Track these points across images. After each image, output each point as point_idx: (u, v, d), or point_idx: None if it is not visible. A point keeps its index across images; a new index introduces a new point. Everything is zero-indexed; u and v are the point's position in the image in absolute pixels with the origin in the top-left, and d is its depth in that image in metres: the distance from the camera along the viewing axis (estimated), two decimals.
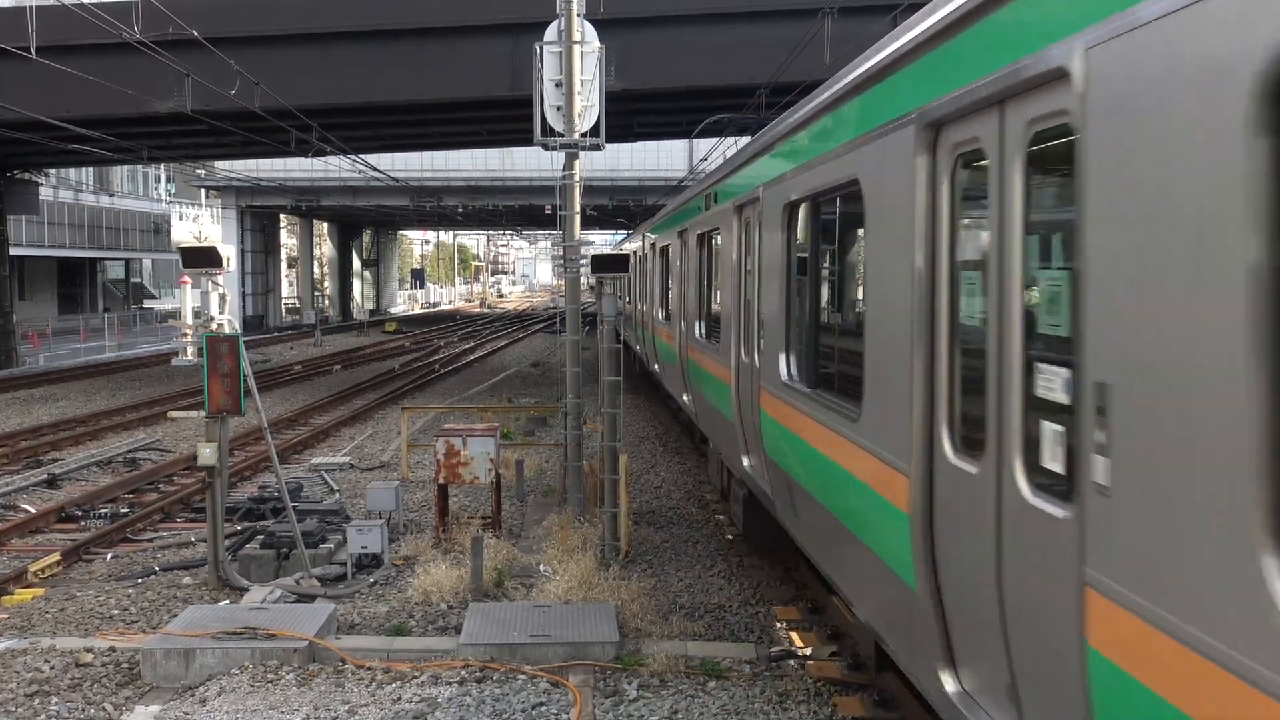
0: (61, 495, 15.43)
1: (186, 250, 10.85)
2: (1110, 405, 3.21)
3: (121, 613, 10.02)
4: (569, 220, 13.57)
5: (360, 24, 26.07)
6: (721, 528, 13.12)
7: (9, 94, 23.73)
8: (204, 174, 52.97)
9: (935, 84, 4.62)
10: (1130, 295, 3.11)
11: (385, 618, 9.59)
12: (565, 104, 13.16)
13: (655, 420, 22.49)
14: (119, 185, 70.61)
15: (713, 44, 24.89)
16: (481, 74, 25.73)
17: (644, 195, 52.51)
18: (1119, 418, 3.16)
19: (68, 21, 21.06)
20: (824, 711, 7.44)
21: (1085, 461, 3.35)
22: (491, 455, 12.18)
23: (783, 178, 7.86)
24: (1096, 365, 3.29)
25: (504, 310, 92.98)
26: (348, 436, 21.12)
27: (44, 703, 7.83)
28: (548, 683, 7.87)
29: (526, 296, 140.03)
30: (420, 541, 12.16)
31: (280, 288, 65.54)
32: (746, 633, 9.28)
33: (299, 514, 11.79)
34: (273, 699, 7.59)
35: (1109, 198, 3.22)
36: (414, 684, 7.85)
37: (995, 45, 4.05)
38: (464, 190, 56.09)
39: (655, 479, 16.25)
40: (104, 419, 23.17)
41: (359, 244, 79.87)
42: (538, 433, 20.18)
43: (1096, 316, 3.30)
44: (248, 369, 10.55)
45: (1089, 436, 3.33)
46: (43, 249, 58.49)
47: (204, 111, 24.73)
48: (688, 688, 7.85)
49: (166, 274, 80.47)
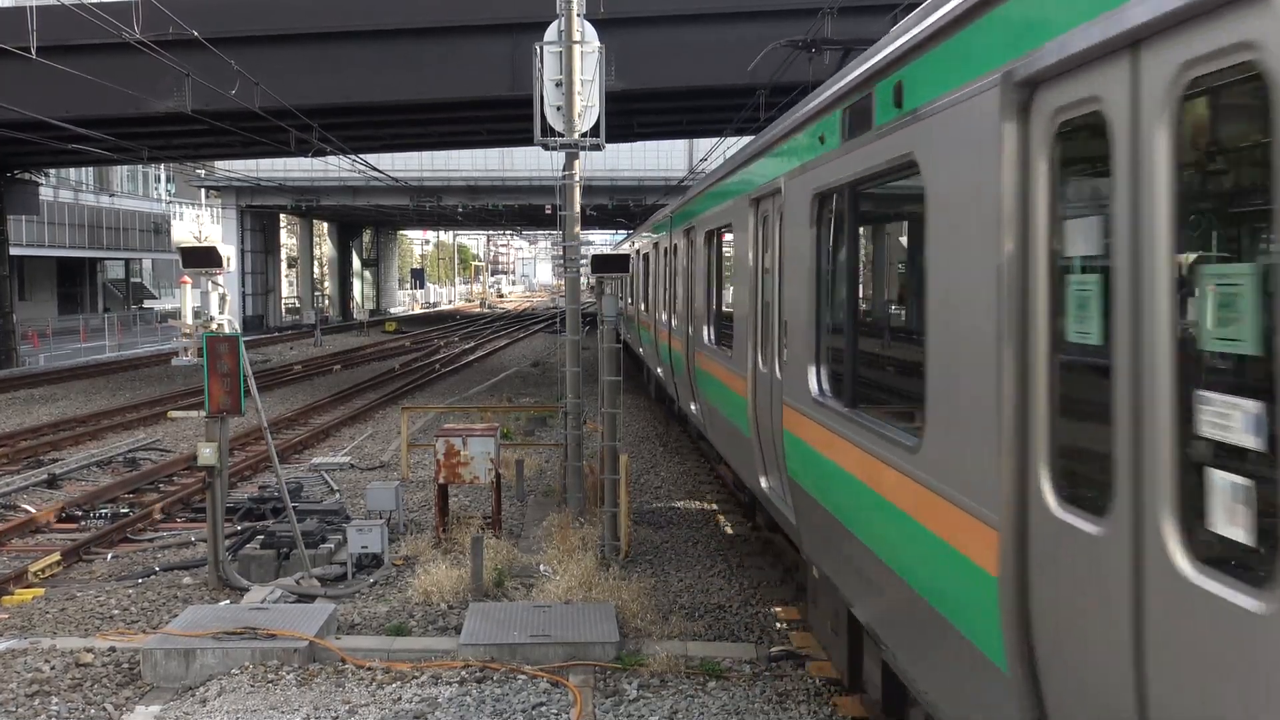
0: (61, 495, 15.43)
1: (186, 250, 10.85)
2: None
3: (122, 613, 10.02)
4: (569, 220, 13.57)
5: (360, 24, 26.08)
6: (721, 528, 13.12)
7: (9, 94, 23.73)
8: (204, 174, 52.98)
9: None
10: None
11: (385, 618, 9.59)
12: (565, 104, 13.17)
13: (655, 420, 22.49)
14: (119, 185, 70.61)
15: (713, 44, 24.89)
16: (481, 74, 25.74)
17: (644, 195, 52.51)
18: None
19: (68, 21, 21.07)
20: (824, 711, 7.44)
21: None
22: (491, 455, 12.19)
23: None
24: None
25: (504, 310, 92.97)
26: (348, 436, 21.12)
27: (44, 703, 7.83)
28: (548, 683, 7.88)
29: (526, 296, 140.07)
30: (420, 541, 12.16)
31: (280, 288, 65.55)
32: (746, 633, 9.28)
33: (299, 514, 11.79)
34: (273, 699, 7.59)
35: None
36: (414, 684, 7.85)
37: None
38: (464, 190, 56.11)
39: (655, 479, 16.25)
40: (104, 419, 23.17)
41: (359, 244, 79.88)
42: (538, 433, 20.18)
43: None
44: (248, 369, 10.55)
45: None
46: (43, 249, 58.51)
47: (204, 111, 24.73)
48: (688, 688, 7.86)
49: (166, 274, 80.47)
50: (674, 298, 15.86)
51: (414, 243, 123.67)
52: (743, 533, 12.62)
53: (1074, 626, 3.44)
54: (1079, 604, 3.40)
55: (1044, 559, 3.62)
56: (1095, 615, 3.29)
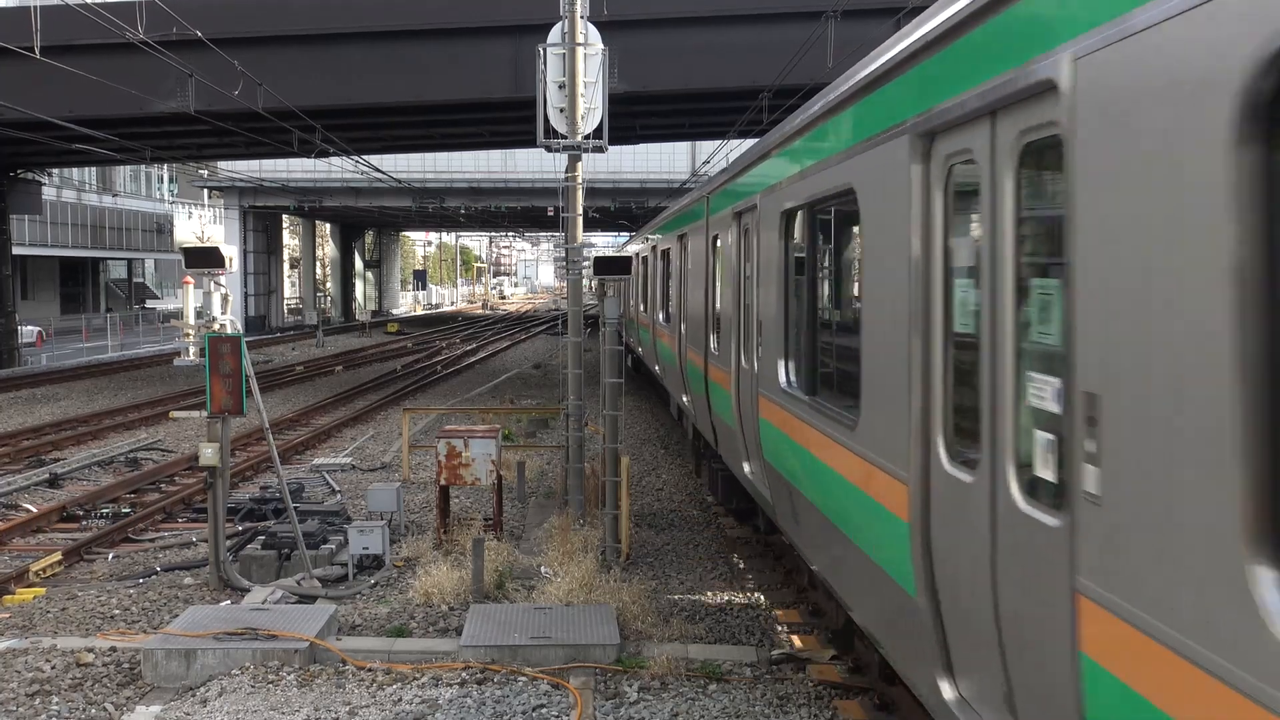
0: (63, 495, 15.44)
1: (189, 250, 10.87)
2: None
3: (123, 612, 10.02)
4: (571, 222, 13.57)
5: (363, 25, 26.09)
6: (723, 531, 13.11)
7: (13, 94, 23.74)
8: (207, 174, 53.04)
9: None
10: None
11: (386, 619, 9.59)
12: (568, 106, 13.16)
13: (657, 422, 22.48)
14: (122, 185, 70.67)
15: (716, 47, 24.90)
16: (484, 75, 25.75)
17: (646, 197, 52.52)
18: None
19: (71, 21, 21.08)
20: (824, 715, 7.43)
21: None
22: (493, 457, 12.18)
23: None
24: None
25: (506, 312, 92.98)
26: (349, 437, 21.13)
27: (45, 702, 7.83)
28: (548, 685, 7.87)
29: (528, 298, 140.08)
30: (421, 543, 12.16)
31: (282, 288, 65.53)
32: (747, 635, 9.28)
33: (300, 515, 11.79)
34: (273, 700, 7.59)
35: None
36: (415, 685, 7.85)
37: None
38: (466, 191, 56.12)
39: (656, 481, 16.24)
40: (106, 419, 23.19)
41: (361, 245, 79.90)
42: (539, 434, 20.18)
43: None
44: (249, 369, 10.55)
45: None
46: (45, 249, 58.56)
47: (207, 112, 24.76)
48: (688, 690, 7.85)
49: (169, 274, 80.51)
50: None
51: (416, 244, 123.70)
52: (744, 535, 12.62)
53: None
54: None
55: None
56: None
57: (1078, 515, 3.37)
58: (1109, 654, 3.19)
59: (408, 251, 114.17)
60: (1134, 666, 3.04)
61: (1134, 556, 3.05)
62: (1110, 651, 3.18)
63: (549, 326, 58.46)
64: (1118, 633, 3.12)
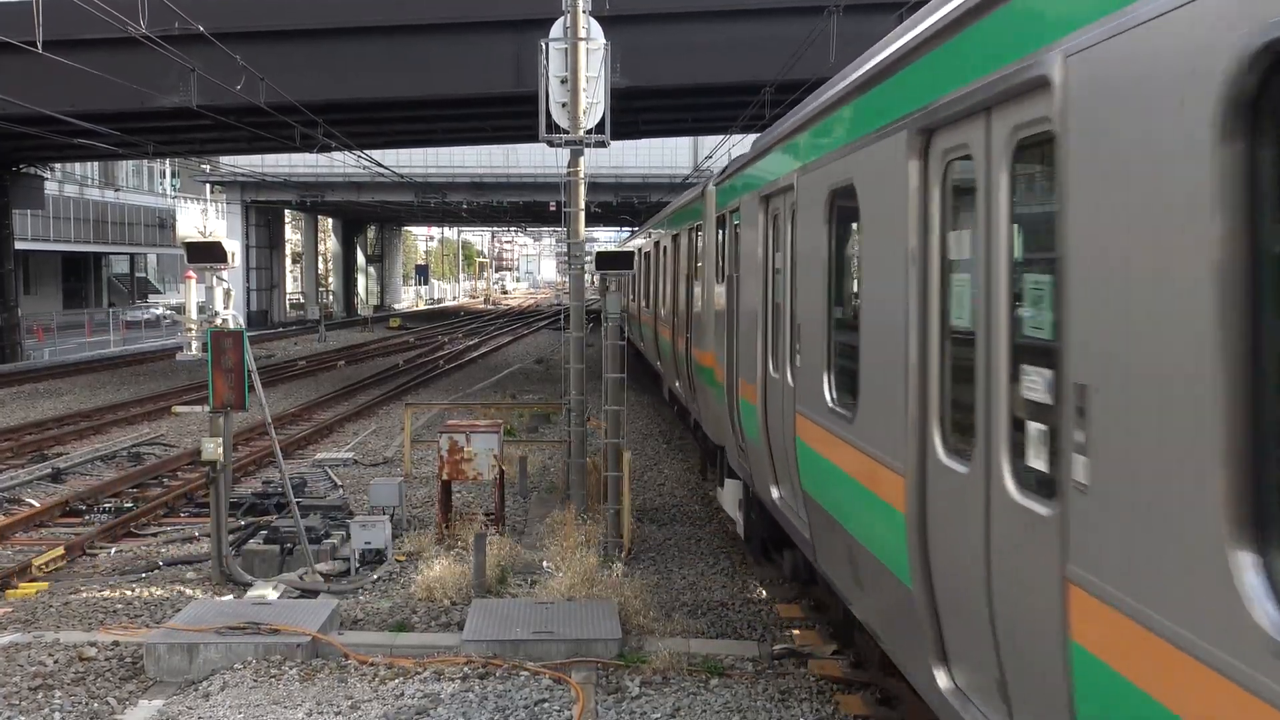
0: (65, 489, 15.45)
1: (192, 245, 10.86)
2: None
3: (125, 607, 10.03)
4: (573, 217, 13.55)
5: (366, 20, 26.07)
6: (724, 525, 13.11)
7: (15, 88, 23.73)
8: (209, 169, 53.01)
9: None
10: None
11: (388, 614, 9.59)
12: (570, 101, 13.15)
13: (659, 418, 22.48)
14: (124, 180, 70.60)
15: (718, 41, 24.87)
16: (487, 70, 25.72)
17: (648, 192, 52.48)
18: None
19: (74, 16, 21.02)
20: (826, 710, 7.44)
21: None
22: (495, 452, 12.19)
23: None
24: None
25: (508, 307, 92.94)
26: (351, 432, 21.14)
27: (47, 696, 7.84)
28: (550, 679, 7.88)
29: (530, 293, 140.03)
30: (423, 537, 12.16)
31: (284, 283, 65.59)
32: (749, 630, 9.28)
33: (302, 509, 11.80)
34: (276, 694, 7.60)
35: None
36: (416, 680, 7.85)
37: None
38: (468, 186, 56.10)
39: (658, 476, 16.25)
40: (108, 413, 23.20)
41: (363, 240, 79.90)
42: (541, 429, 20.18)
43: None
44: (251, 364, 10.55)
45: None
46: (48, 243, 58.49)
47: (209, 107, 24.74)
48: (690, 685, 7.85)
49: (171, 269, 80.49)
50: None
51: (418, 239, 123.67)
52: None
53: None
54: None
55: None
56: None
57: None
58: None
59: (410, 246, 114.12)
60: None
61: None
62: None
63: (551, 321, 58.44)
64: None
